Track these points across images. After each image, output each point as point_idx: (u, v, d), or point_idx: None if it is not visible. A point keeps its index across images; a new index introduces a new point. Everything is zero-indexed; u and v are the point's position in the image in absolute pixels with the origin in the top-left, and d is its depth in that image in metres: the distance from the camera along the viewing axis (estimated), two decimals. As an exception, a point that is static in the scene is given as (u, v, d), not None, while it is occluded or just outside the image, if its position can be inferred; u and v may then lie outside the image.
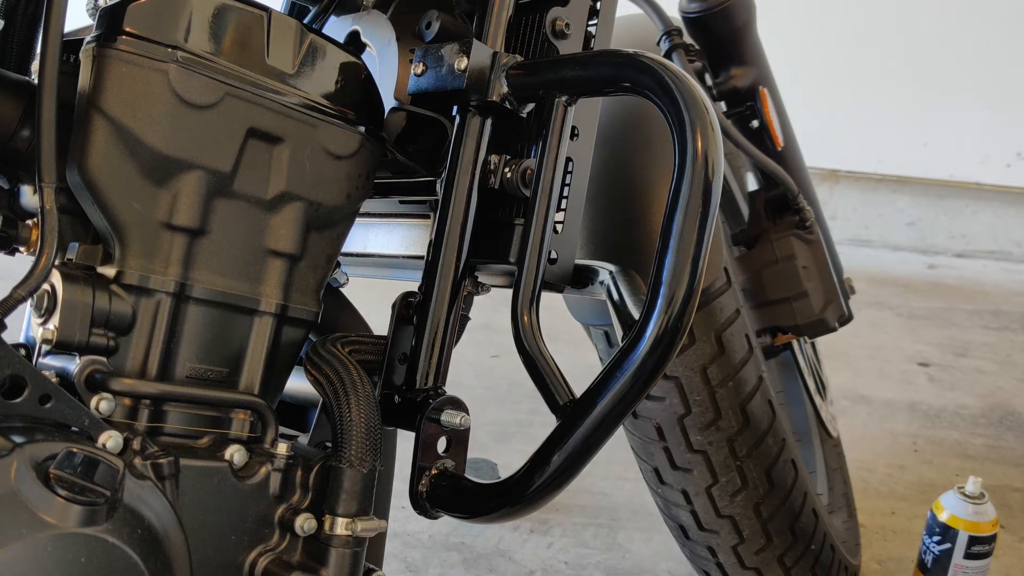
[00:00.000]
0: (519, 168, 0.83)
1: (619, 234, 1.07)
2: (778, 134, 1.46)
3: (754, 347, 1.18)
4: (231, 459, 0.73)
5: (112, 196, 0.71)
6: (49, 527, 0.56)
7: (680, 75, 0.73)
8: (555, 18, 0.86)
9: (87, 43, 0.71)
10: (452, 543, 1.68)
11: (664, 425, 1.16)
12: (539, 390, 0.80)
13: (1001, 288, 3.72)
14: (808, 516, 1.30)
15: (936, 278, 3.88)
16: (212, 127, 0.73)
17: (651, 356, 0.71)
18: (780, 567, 1.29)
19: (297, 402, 0.93)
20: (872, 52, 4.16)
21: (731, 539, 1.25)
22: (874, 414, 2.42)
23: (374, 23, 0.96)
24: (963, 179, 4.26)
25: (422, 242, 0.97)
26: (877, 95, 4.18)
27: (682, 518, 1.27)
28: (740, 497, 1.21)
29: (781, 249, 1.42)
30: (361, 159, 0.83)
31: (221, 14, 0.74)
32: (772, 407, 1.20)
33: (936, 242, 4.34)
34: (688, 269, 0.70)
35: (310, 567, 0.74)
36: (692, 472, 1.19)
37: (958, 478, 2.05)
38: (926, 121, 4.20)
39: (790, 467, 1.25)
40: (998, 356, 2.91)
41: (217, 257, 0.76)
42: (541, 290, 0.82)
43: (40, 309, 0.70)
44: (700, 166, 0.71)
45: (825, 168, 4.34)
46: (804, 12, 4.11)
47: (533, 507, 0.77)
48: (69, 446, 0.58)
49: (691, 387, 1.13)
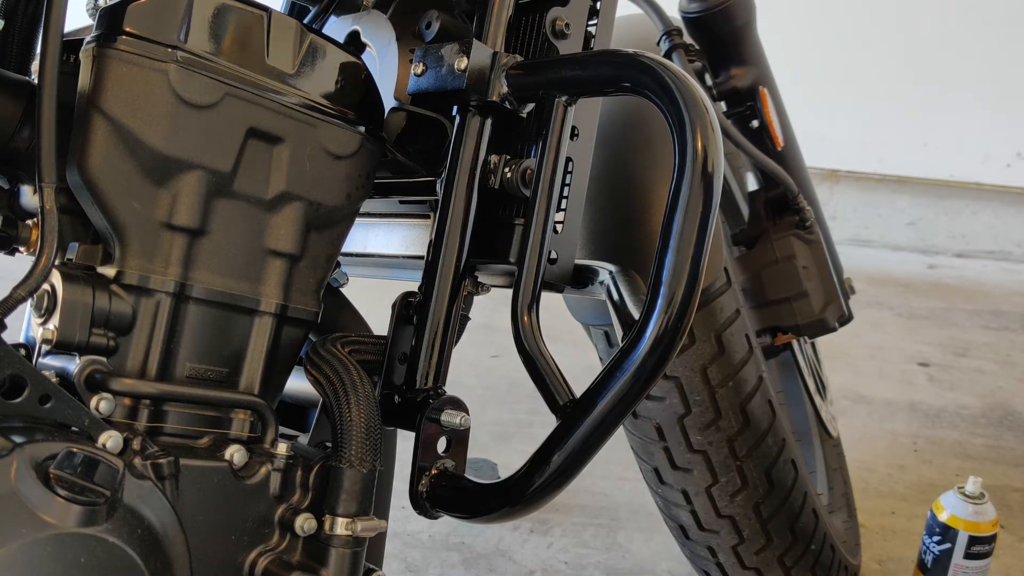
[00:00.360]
0: (519, 168, 0.83)
1: (619, 234, 1.07)
2: (778, 134, 1.46)
3: (754, 347, 1.18)
4: (231, 459, 0.73)
5: (112, 196, 0.71)
6: (49, 527, 0.56)
7: (680, 75, 0.73)
8: (555, 18, 0.86)
9: (87, 43, 0.71)
10: (452, 543, 1.68)
11: (664, 425, 1.16)
12: (539, 390, 0.80)
13: (1001, 288, 3.72)
14: (808, 516, 1.30)
15: (936, 278, 3.88)
16: (212, 127, 0.73)
17: (651, 356, 0.71)
18: (780, 567, 1.29)
19: (297, 402, 0.93)
20: (872, 52, 4.16)
21: (731, 539, 1.25)
22: (874, 414, 2.42)
23: (374, 23, 0.96)
24: (963, 179, 4.26)
25: (422, 242, 0.97)
26: (877, 95, 4.19)
27: (682, 518, 1.27)
28: (740, 497, 1.21)
29: (781, 249, 1.42)
30: (361, 159, 0.83)
31: (221, 14, 0.74)
32: (772, 407, 1.20)
33: (936, 242, 4.34)
34: (688, 269, 0.70)
35: (310, 567, 0.74)
36: (692, 472, 1.19)
37: (958, 478, 2.05)
38: (926, 121, 4.20)
39: (790, 467, 1.25)
40: (998, 356, 2.91)
41: (217, 257, 0.76)
42: (541, 290, 0.82)
43: (40, 309, 0.70)
44: (700, 166, 0.71)
45: (825, 168, 4.34)
46: (804, 12, 4.11)
47: (533, 507, 0.77)
48: (69, 446, 0.58)
49: (691, 387, 1.13)
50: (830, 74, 4.17)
